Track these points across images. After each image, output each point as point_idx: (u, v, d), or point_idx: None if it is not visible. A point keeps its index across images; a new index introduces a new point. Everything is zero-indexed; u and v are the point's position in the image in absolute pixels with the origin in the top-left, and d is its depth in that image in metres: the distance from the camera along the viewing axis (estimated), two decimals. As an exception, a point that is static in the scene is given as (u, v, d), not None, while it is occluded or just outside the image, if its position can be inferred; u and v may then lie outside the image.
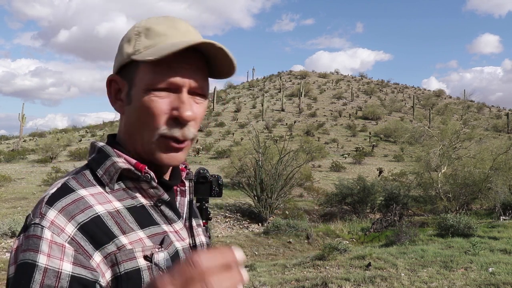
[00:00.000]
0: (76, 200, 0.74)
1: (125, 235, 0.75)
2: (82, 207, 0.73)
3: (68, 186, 0.76)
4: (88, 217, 0.73)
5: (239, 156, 17.69)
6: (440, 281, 5.85)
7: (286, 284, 5.99)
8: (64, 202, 0.73)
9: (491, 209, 14.90)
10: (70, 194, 0.74)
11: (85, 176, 0.79)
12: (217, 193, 2.46)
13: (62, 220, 0.71)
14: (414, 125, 24.49)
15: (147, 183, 0.80)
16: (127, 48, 0.81)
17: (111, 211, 0.76)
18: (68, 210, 0.72)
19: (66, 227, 0.71)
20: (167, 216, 0.83)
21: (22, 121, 37.88)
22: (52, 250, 0.68)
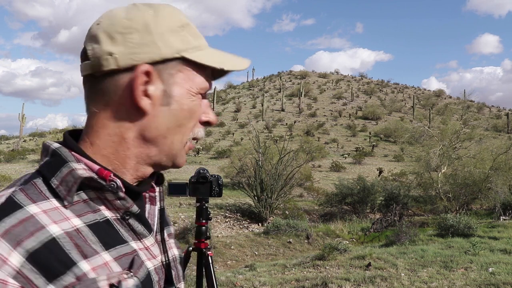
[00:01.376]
0: (24, 220, 0.59)
1: (87, 259, 0.61)
2: (32, 228, 0.58)
3: (14, 201, 0.61)
4: (39, 242, 0.58)
5: (239, 156, 17.69)
6: (440, 281, 5.85)
7: (286, 284, 5.98)
8: (8, 223, 0.58)
9: (491, 209, 14.90)
10: (16, 212, 0.59)
11: (36, 187, 0.64)
12: (217, 193, 2.46)
13: (5, 248, 0.56)
14: (414, 125, 24.49)
15: (113, 193, 0.66)
16: (174, 41, 0.69)
17: (69, 230, 0.61)
18: (14, 233, 0.57)
19: (10, 256, 0.55)
20: (135, 231, 0.70)
21: (22, 121, 37.89)
22: None
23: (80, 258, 0.60)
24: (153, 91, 0.68)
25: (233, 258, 10.04)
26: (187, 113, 0.71)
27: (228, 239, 11.23)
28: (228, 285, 5.94)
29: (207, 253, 2.29)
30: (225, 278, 6.26)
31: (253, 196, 14.16)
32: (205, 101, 0.75)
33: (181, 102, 0.70)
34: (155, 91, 0.68)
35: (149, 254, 0.72)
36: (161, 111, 0.69)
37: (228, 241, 11.03)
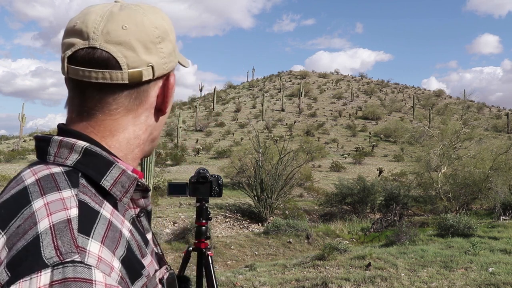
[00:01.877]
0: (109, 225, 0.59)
1: (144, 259, 0.64)
2: (116, 233, 0.59)
3: (88, 205, 0.59)
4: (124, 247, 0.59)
5: (239, 156, 17.69)
6: (440, 281, 5.85)
7: (286, 284, 5.99)
8: (101, 229, 0.57)
9: (491, 209, 14.90)
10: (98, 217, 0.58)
11: (88, 189, 0.62)
12: (217, 193, 2.46)
13: (108, 255, 0.55)
14: (414, 125, 24.50)
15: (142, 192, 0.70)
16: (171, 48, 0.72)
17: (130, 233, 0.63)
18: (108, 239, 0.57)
19: (113, 262, 0.56)
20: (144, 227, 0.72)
21: (22, 121, 37.91)
22: None
23: (141, 257, 0.63)
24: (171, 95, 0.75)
25: (233, 258, 10.04)
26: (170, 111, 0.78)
27: (228, 239, 11.23)
28: (228, 285, 5.95)
29: (207, 253, 2.29)
30: (225, 278, 6.26)
31: (253, 196, 14.17)
32: None
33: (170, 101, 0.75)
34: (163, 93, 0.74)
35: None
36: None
37: (228, 241, 11.03)
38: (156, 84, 0.71)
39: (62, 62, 0.67)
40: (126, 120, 0.69)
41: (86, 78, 0.65)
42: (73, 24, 0.68)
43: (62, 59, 0.68)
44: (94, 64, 0.64)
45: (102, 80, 0.65)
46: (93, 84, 0.65)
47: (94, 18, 0.66)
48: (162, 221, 12.29)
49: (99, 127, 0.67)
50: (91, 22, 0.66)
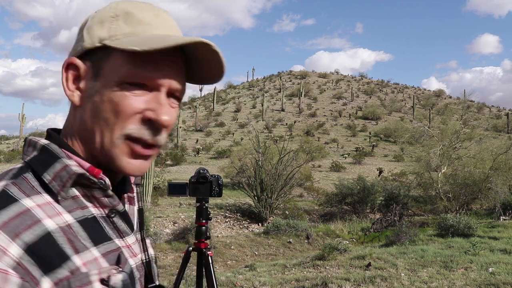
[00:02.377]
0: (21, 213, 0.59)
1: (78, 254, 0.62)
2: (29, 222, 0.59)
3: (9, 194, 0.61)
4: (36, 235, 0.59)
5: (239, 156, 17.68)
6: (440, 281, 5.85)
7: (286, 284, 5.99)
8: (6, 216, 0.58)
9: (491, 209, 14.90)
10: (12, 205, 0.60)
11: (27, 182, 0.64)
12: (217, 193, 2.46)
13: (5, 239, 0.56)
14: (414, 125, 24.49)
15: (102, 191, 0.68)
16: (98, 30, 0.67)
17: (62, 226, 0.62)
18: (12, 226, 0.58)
19: (9, 248, 0.56)
20: (119, 229, 0.71)
21: (22, 121, 37.91)
22: None
23: (73, 252, 0.62)
24: (82, 84, 0.68)
25: (233, 258, 10.04)
26: (113, 105, 0.65)
27: (228, 239, 11.23)
28: (228, 285, 5.95)
29: (207, 253, 2.29)
30: (225, 278, 6.26)
31: (253, 196, 14.17)
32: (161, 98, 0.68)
33: (106, 93, 0.66)
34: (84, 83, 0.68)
35: (130, 252, 0.73)
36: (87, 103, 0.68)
37: (228, 241, 11.03)
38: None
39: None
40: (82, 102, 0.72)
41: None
42: None
43: None
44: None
45: None
46: None
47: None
48: (162, 221, 12.29)
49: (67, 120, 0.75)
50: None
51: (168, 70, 0.67)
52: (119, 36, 0.66)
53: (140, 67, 0.65)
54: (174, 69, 0.68)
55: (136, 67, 0.65)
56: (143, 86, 0.66)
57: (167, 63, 0.67)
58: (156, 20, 0.69)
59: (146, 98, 0.67)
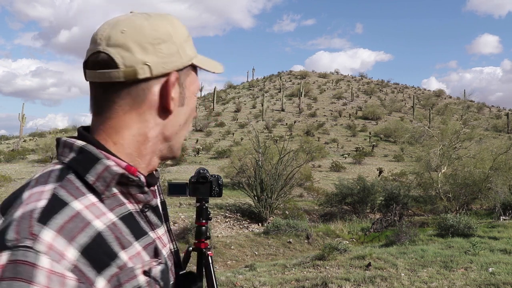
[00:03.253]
0: (74, 216, 0.63)
1: (125, 250, 0.67)
2: (81, 224, 0.63)
3: (59, 198, 0.64)
4: (89, 237, 0.63)
5: (239, 156, 17.68)
6: (440, 281, 5.85)
7: (286, 284, 5.99)
8: (61, 220, 0.61)
9: (491, 209, 14.90)
10: (64, 209, 0.63)
11: (72, 183, 0.67)
12: (217, 193, 2.46)
13: (62, 243, 0.59)
14: (414, 125, 24.50)
15: (138, 187, 0.73)
16: (188, 49, 0.78)
17: (109, 224, 0.67)
18: (67, 229, 0.61)
19: (66, 251, 0.59)
20: (151, 222, 0.77)
21: (22, 121, 37.90)
22: (51, 282, 0.57)
23: (120, 249, 0.67)
24: (174, 94, 0.76)
25: (233, 258, 10.04)
26: (191, 112, 0.82)
27: (228, 239, 11.23)
28: (228, 285, 5.95)
29: (207, 253, 2.29)
30: (225, 278, 6.26)
31: (253, 196, 14.16)
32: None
33: (189, 102, 0.80)
34: (176, 94, 0.77)
35: (162, 243, 0.79)
36: (178, 111, 0.78)
37: (228, 241, 11.03)
38: (158, 82, 0.75)
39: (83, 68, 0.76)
40: (129, 117, 0.74)
41: (93, 78, 0.73)
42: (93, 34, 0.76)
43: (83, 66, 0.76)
44: (98, 66, 0.72)
45: (104, 80, 0.72)
46: (100, 85, 0.73)
47: (104, 27, 0.74)
48: (162, 221, 12.29)
49: (105, 124, 0.74)
50: (101, 31, 0.74)
51: None
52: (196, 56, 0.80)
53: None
54: None
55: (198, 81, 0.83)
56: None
57: None
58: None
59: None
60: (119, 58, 0.71)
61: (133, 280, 0.67)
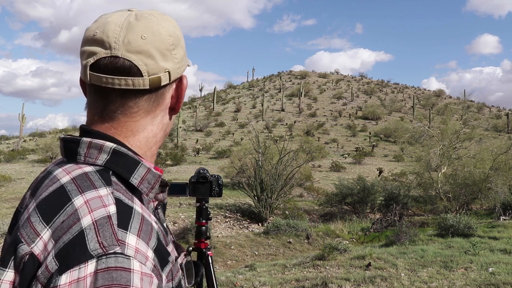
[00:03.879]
0: (142, 220, 0.66)
1: (167, 247, 0.72)
2: (148, 226, 0.66)
3: (123, 202, 0.66)
4: (155, 238, 0.67)
5: (239, 156, 17.68)
6: (440, 281, 5.85)
7: (286, 284, 5.99)
8: (136, 224, 0.64)
9: (491, 209, 14.90)
10: (134, 213, 0.66)
11: (119, 186, 0.69)
12: (217, 193, 2.46)
13: (144, 246, 0.63)
14: (414, 125, 24.49)
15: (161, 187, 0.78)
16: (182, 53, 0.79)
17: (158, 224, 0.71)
18: (143, 232, 0.64)
19: (148, 252, 0.63)
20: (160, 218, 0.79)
21: (22, 121, 37.89)
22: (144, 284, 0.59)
23: (165, 245, 0.71)
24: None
25: (233, 258, 10.04)
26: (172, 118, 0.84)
27: (228, 239, 11.23)
28: (228, 285, 5.95)
29: (207, 253, 2.29)
30: (225, 278, 6.26)
31: (253, 196, 14.16)
32: None
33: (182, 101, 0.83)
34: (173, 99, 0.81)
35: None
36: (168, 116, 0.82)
37: (228, 241, 11.03)
38: (171, 86, 0.78)
39: (84, 69, 0.72)
40: (145, 120, 0.76)
41: (110, 84, 0.71)
42: (93, 33, 0.72)
43: (84, 66, 0.72)
44: (117, 72, 0.70)
45: (125, 87, 0.71)
46: (116, 90, 0.71)
47: (114, 28, 0.71)
48: (162, 221, 12.29)
49: (121, 128, 0.74)
50: (112, 32, 0.71)
51: None
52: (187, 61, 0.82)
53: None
54: None
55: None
56: None
57: None
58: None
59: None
60: (143, 66, 0.70)
61: (179, 272, 0.74)
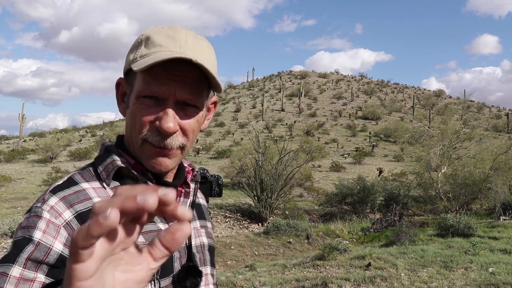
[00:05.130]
0: (78, 192, 0.80)
1: None
2: (82, 198, 0.79)
3: (73, 179, 0.83)
4: (86, 208, 0.78)
5: (239, 156, 17.68)
6: (440, 281, 5.85)
7: (286, 284, 5.99)
8: (66, 192, 0.79)
9: (491, 209, 14.90)
10: (73, 186, 0.81)
11: (89, 172, 0.85)
12: (217, 193, 2.46)
13: (62, 206, 0.77)
14: (414, 125, 24.49)
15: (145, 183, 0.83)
16: (130, 55, 0.83)
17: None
18: (69, 199, 0.78)
19: (64, 212, 0.77)
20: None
21: (22, 121, 37.88)
22: (48, 228, 0.74)
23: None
24: (125, 98, 0.87)
25: (233, 258, 10.04)
26: (134, 116, 0.82)
27: (228, 239, 11.22)
28: (228, 285, 5.95)
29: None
30: (225, 278, 6.26)
31: (253, 196, 14.16)
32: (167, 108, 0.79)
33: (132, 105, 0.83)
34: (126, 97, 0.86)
35: None
36: (126, 113, 0.86)
37: (228, 241, 11.03)
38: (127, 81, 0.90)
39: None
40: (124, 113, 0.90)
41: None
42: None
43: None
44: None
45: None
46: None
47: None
48: (162, 221, 12.28)
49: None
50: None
51: (172, 83, 0.78)
52: (138, 59, 0.79)
53: (149, 83, 0.79)
54: (179, 81, 0.79)
55: (146, 83, 0.79)
56: (154, 98, 0.80)
57: (171, 77, 0.78)
58: (167, 41, 0.79)
59: (157, 109, 0.80)
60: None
61: None
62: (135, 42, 0.85)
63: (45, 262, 0.71)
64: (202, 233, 0.98)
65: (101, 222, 0.39)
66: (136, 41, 0.85)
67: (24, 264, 0.70)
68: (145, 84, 0.79)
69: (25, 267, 0.70)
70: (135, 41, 0.85)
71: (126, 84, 0.86)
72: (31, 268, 0.70)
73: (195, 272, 0.88)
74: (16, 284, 0.69)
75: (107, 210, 0.39)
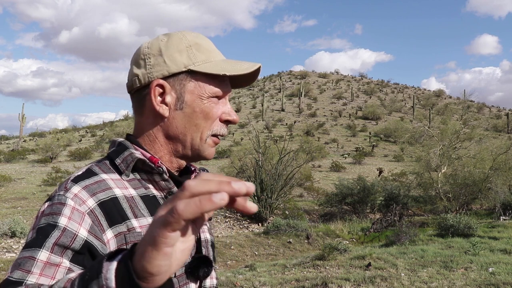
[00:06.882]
0: (98, 181, 0.84)
1: (137, 219, 0.84)
2: (103, 187, 0.83)
3: (92, 170, 0.87)
4: (107, 196, 0.82)
5: (239, 156, 17.69)
6: (440, 281, 5.85)
7: (286, 284, 5.99)
8: (88, 182, 0.83)
9: (491, 209, 14.90)
10: (93, 176, 0.85)
11: (105, 164, 0.89)
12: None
13: (85, 195, 0.81)
14: (414, 125, 24.50)
15: (160, 175, 0.88)
16: (179, 58, 0.88)
17: (127, 195, 0.85)
18: (91, 188, 0.82)
19: (87, 200, 0.80)
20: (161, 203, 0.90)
21: (22, 121, 37.88)
22: (73, 215, 0.78)
23: (132, 216, 0.84)
24: (169, 99, 0.89)
25: (233, 258, 10.04)
26: (200, 114, 0.89)
27: (228, 239, 11.23)
28: (228, 285, 5.95)
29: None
30: (225, 278, 6.27)
31: (253, 196, 14.17)
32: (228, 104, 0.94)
33: (193, 105, 0.89)
34: (170, 99, 0.89)
35: None
36: (177, 114, 0.89)
37: (228, 241, 11.03)
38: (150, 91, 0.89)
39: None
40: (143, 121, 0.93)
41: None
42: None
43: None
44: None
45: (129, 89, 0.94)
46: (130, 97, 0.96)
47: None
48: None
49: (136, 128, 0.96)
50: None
51: (229, 84, 0.93)
52: (200, 63, 0.88)
53: (220, 85, 0.90)
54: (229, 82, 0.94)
55: (218, 85, 0.90)
56: (217, 97, 0.91)
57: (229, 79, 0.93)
58: (213, 47, 0.93)
59: (220, 105, 0.92)
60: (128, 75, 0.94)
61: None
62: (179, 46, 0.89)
63: (71, 247, 0.75)
64: (205, 229, 1.02)
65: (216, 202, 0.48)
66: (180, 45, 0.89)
67: (51, 248, 0.74)
68: (218, 86, 0.90)
69: (52, 252, 0.74)
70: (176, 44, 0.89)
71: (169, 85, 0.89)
72: (58, 253, 0.74)
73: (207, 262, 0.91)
74: (43, 268, 0.72)
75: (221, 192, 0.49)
